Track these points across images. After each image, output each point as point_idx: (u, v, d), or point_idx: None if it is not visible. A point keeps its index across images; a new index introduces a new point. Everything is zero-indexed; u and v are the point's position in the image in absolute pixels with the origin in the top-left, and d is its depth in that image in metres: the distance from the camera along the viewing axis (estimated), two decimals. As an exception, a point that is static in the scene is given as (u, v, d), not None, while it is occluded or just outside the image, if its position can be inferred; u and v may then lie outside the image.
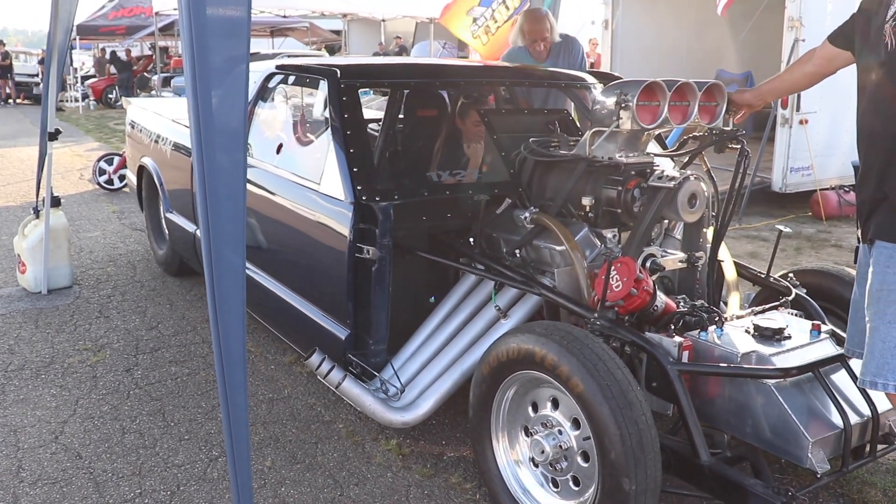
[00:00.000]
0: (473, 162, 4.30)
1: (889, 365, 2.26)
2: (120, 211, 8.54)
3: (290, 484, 3.31)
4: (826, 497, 3.22)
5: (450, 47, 18.43)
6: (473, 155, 4.32)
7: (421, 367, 3.44)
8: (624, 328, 2.93)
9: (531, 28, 5.41)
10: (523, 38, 5.44)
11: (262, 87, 4.46)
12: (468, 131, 4.27)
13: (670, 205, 3.18)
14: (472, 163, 4.30)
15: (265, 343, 4.76)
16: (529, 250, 3.47)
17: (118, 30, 23.23)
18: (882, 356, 2.29)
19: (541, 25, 5.40)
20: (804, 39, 8.13)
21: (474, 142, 4.25)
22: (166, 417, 3.85)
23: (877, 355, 2.32)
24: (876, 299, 2.35)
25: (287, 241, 4.10)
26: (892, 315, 2.27)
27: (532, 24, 5.42)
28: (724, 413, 2.83)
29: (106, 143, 14.41)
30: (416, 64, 5.61)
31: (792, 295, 3.36)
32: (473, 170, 4.23)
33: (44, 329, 4.99)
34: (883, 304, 2.31)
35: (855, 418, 2.70)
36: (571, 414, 2.76)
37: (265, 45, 23.57)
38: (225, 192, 2.23)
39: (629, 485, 2.47)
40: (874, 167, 2.35)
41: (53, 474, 3.35)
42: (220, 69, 2.16)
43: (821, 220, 8.33)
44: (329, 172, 3.60)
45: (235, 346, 2.29)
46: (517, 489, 2.98)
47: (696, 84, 3.20)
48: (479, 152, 4.29)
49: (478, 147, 4.30)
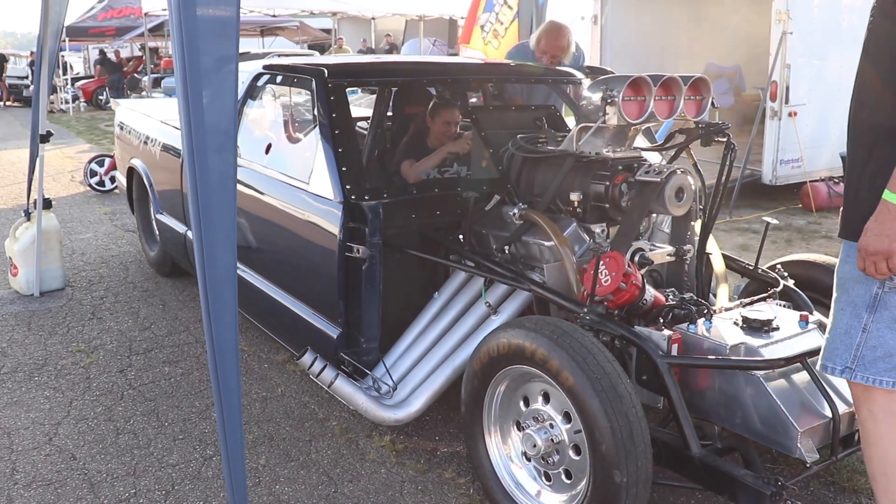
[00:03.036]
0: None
1: (837, 350, 2.31)
2: (112, 212, 8.53)
3: (284, 482, 3.33)
4: (817, 486, 3.26)
5: (440, 45, 18.43)
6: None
7: (413, 365, 3.46)
8: (613, 322, 2.95)
9: (548, 44, 5.07)
10: (538, 48, 5.13)
11: (251, 88, 4.46)
12: (437, 131, 4.26)
13: (658, 199, 3.20)
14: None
15: (258, 342, 4.77)
16: (519, 246, 3.49)
17: (108, 31, 23.11)
18: (832, 341, 2.35)
19: (559, 42, 5.08)
20: (792, 32, 8.18)
21: (443, 142, 4.23)
22: (160, 417, 3.87)
23: (829, 340, 2.38)
24: (835, 288, 2.40)
25: (278, 241, 4.12)
26: (843, 303, 2.33)
27: (550, 39, 5.08)
28: (713, 405, 2.85)
29: (97, 144, 14.37)
30: (403, 62, 5.63)
31: (780, 286, 3.38)
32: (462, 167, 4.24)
33: (36, 331, 4.99)
34: (838, 292, 2.37)
35: (843, 407, 2.73)
36: (562, 408, 2.78)
37: (255, 44, 23.50)
38: (216, 192, 2.24)
39: (620, 477, 2.50)
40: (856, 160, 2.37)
41: (48, 476, 3.36)
42: (210, 69, 2.17)
43: (811, 211, 8.38)
44: (318, 172, 3.61)
45: (228, 346, 2.31)
46: (510, 483, 3.01)
47: (682, 78, 3.22)
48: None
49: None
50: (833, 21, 8.68)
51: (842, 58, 8.73)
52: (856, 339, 2.25)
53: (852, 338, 2.26)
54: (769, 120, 8.51)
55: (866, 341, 2.24)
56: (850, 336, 2.26)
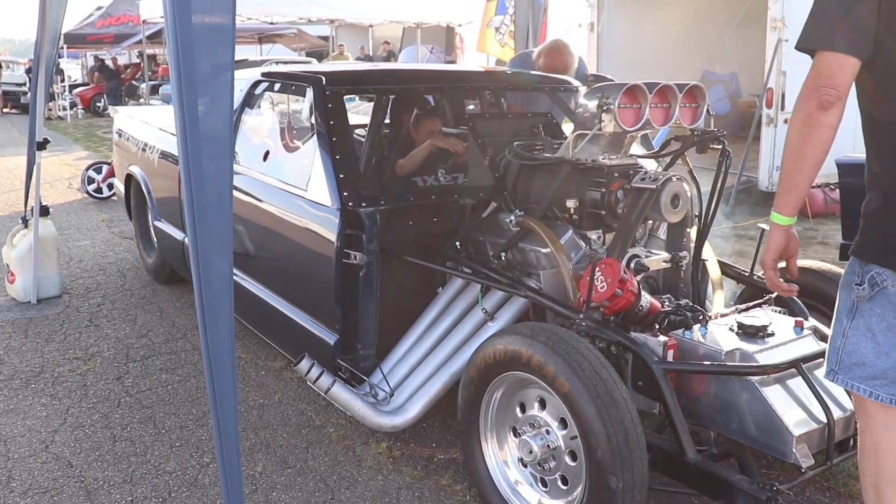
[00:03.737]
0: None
1: (829, 353, 2.34)
2: (109, 219, 8.54)
3: (281, 489, 3.33)
4: (813, 491, 3.26)
5: (437, 52, 18.48)
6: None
7: (410, 371, 3.46)
8: (609, 328, 2.96)
9: (546, 63, 5.10)
10: (537, 65, 5.15)
11: (249, 95, 4.48)
12: (422, 141, 4.27)
13: (654, 205, 3.21)
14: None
15: (255, 349, 4.77)
16: (515, 253, 3.49)
17: (106, 38, 23.17)
18: (829, 345, 2.36)
19: (558, 60, 5.10)
20: (787, 39, 8.21)
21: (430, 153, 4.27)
22: (157, 425, 3.87)
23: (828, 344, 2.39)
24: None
25: (275, 247, 4.12)
26: (836, 309, 2.34)
27: (549, 59, 5.12)
28: (709, 410, 2.86)
29: (94, 151, 14.38)
30: (400, 70, 5.64)
31: (775, 292, 3.39)
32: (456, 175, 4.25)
33: (33, 339, 4.99)
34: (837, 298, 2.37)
35: (838, 412, 2.74)
36: (558, 414, 2.78)
37: (253, 51, 23.55)
38: (212, 199, 2.25)
39: (616, 483, 2.50)
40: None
41: (44, 483, 3.36)
42: (206, 76, 2.18)
43: (807, 217, 8.38)
44: (315, 179, 3.62)
45: (224, 352, 2.31)
46: (507, 489, 3.01)
47: (677, 86, 3.24)
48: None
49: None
50: (829, 28, 8.70)
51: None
52: (837, 343, 2.28)
53: (836, 342, 2.29)
54: (765, 127, 8.55)
55: (844, 346, 2.27)
56: (835, 340, 2.30)
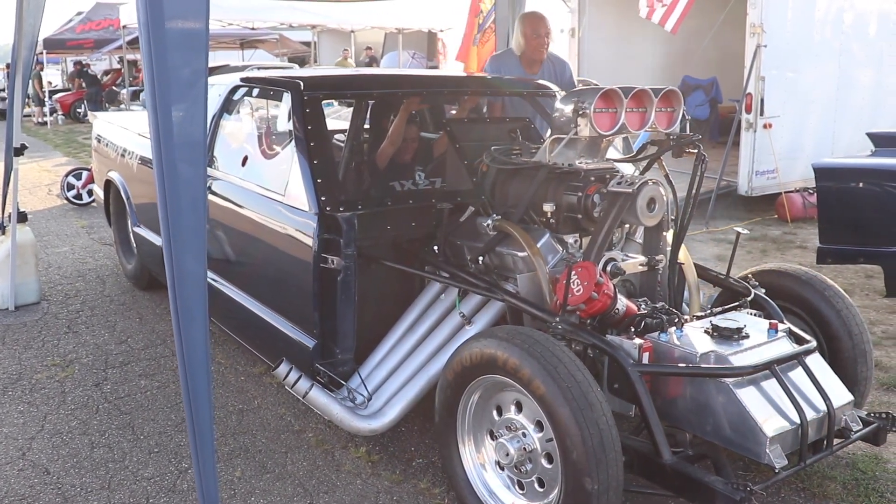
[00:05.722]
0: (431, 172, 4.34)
1: None
2: (89, 226, 8.49)
3: (259, 494, 3.32)
4: (788, 492, 3.29)
5: (419, 57, 18.51)
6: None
7: (388, 375, 3.47)
8: (585, 331, 2.98)
9: (535, 29, 5.27)
10: (525, 41, 5.29)
11: (227, 100, 4.47)
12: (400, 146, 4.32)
13: (630, 209, 3.23)
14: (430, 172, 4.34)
15: (235, 354, 4.76)
16: (493, 257, 3.50)
17: (86, 43, 22.98)
18: None
19: (545, 23, 5.31)
20: (766, 45, 8.29)
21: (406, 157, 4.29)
22: (136, 431, 3.85)
23: None
24: None
25: (253, 252, 4.12)
26: None
27: (536, 24, 5.29)
28: (684, 412, 2.88)
29: (74, 157, 14.29)
30: (379, 75, 5.65)
31: (751, 295, 3.42)
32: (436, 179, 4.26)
33: (11, 346, 4.96)
34: None
35: (811, 414, 2.77)
36: (535, 416, 2.80)
37: (235, 57, 23.48)
38: (186, 202, 2.25)
39: (591, 484, 2.52)
40: None
41: (21, 491, 3.34)
42: (180, 81, 2.19)
43: (786, 221, 8.46)
44: (293, 184, 3.62)
45: (198, 354, 2.32)
46: (484, 492, 3.02)
47: (653, 90, 3.26)
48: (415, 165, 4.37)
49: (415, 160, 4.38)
50: (806, 34, 8.81)
51: (815, 70, 8.86)
52: None
53: None
54: (744, 132, 8.60)
55: None
56: None
